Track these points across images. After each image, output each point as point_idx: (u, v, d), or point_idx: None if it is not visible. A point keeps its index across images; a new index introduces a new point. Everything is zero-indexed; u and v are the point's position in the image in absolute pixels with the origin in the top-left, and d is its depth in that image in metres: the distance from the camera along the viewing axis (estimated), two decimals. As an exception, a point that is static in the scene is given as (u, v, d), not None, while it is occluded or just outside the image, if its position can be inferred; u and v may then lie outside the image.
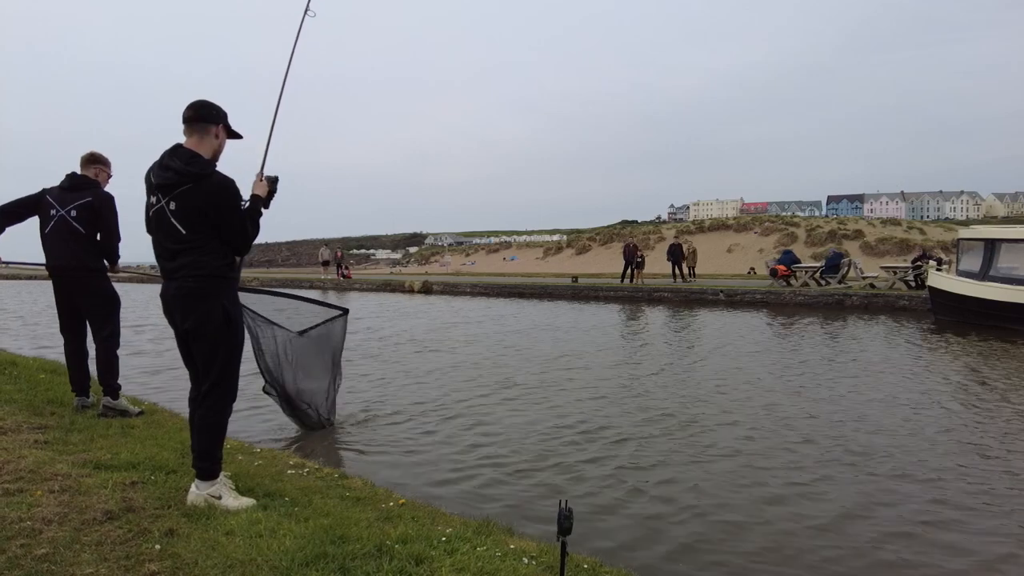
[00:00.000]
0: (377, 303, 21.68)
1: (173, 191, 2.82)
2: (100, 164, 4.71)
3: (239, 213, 2.94)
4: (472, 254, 67.19)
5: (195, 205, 2.82)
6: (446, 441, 5.65)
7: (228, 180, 2.90)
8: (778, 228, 43.75)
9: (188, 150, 2.89)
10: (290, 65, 4.13)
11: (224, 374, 2.97)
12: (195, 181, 2.81)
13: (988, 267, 13.42)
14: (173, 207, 2.82)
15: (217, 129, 2.99)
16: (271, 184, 3.20)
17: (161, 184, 2.84)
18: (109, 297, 4.69)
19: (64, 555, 2.33)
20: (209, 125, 2.96)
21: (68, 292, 4.60)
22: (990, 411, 6.55)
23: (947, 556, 3.56)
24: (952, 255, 18.99)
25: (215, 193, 2.85)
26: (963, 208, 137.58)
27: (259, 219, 3.08)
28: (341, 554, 2.46)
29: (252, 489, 3.24)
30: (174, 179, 2.81)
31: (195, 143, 2.93)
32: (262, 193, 3.12)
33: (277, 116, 4.04)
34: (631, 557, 3.49)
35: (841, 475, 4.79)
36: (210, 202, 2.83)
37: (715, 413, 6.55)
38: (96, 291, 4.63)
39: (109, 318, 4.68)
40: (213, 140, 2.98)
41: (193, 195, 2.81)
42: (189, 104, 2.97)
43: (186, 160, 2.84)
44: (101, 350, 4.65)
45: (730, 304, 19.19)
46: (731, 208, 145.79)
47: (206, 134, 2.95)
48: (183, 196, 2.81)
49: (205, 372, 2.96)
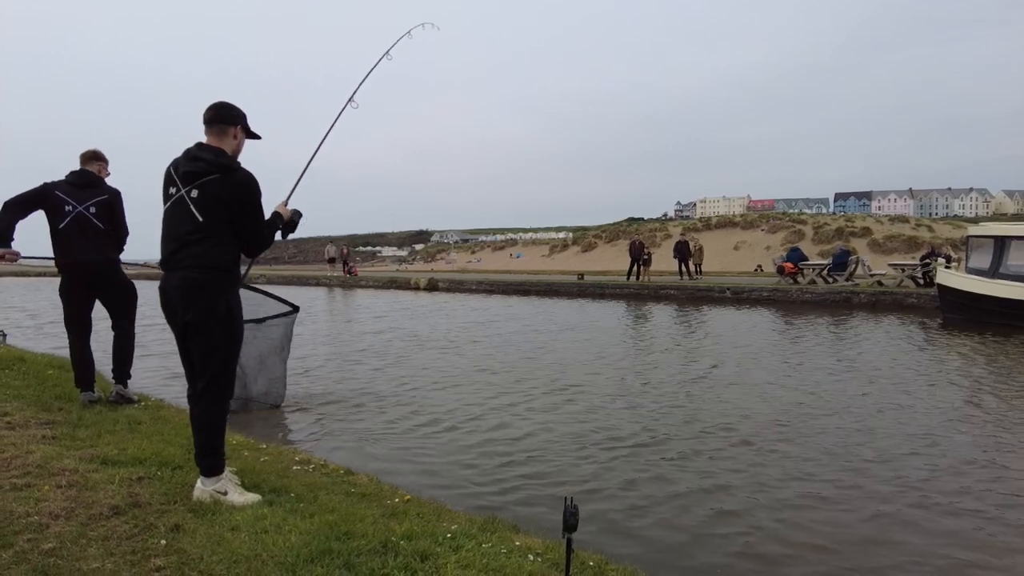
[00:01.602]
0: (383, 300, 21.72)
1: (198, 179, 2.89)
2: (102, 161, 4.89)
3: (260, 211, 3.03)
4: (478, 251, 67.21)
5: (218, 195, 2.89)
6: (455, 438, 5.66)
7: (253, 177, 3.00)
8: (785, 225, 43.49)
9: (215, 146, 2.99)
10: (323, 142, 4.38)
11: (221, 370, 2.97)
12: (223, 172, 2.90)
13: (998, 265, 13.30)
14: (195, 195, 2.89)
15: (236, 130, 3.06)
16: (294, 215, 3.36)
17: (188, 172, 2.92)
18: (129, 288, 4.92)
19: (71, 550, 2.34)
20: (228, 126, 3.03)
21: (88, 286, 4.72)
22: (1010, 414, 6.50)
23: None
24: (961, 252, 18.85)
25: (241, 187, 2.93)
26: (972, 205, 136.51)
27: (275, 231, 3.21)
28: (346, 550, 2.46)
29: (258, 485, 3.24)
30: (203, 168, 2.90)
31: (215, 143, 3.01)
32: (284, 215, 3.29)
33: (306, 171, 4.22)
34: (638, 555, 3.48)
35: (855, 480, 4.76)
36: (234, 195, 2.91)
37: (720, 412, 6.53)
38: (118, 283, 4.86)
39: (129, 308, 4.93)
40: (232, 141, 3.05)
41: (218, 185, 2.89)
42: (209, 106, 3.05)
43: (216, 154, 2.95)
44: (120, 338, 4.89)
45: (737, 302, 19.11)
46: (738, 205, 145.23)
47: (225, 135, 3.03)
48: (208, 185, 2.89)
49: (202, 367, 2.95)
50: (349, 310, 19.00)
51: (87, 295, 4.75)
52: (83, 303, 4.74)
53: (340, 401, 7.01)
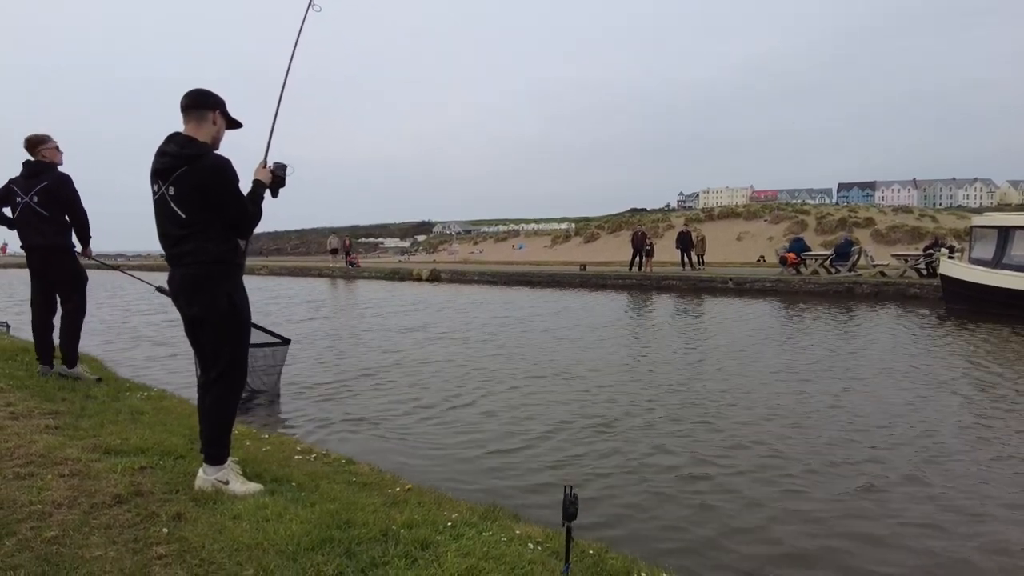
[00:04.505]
0: (385, 291, 21.73)
1: (171, 175, 2.82)
2: (42, 144, 4.91)
3: (237, 193, 2.92)
4: (480, 242, 66.98)
5: (192, 187, 2.81)
6: (456, 427, 5.67)
7: (223, 160, 2.89)
8: (788, 216, 43.29)
9: (184, 135, 2.90)
10: (293, 57, 4.06)
11: (231, 362, 2.97)
12: (189, 163, 2.81)
13: (1002, 255, 13.26)
14: (172, 192, 2.82)
15: (214, 115, 2.98)
16: (279, 170, 3.20)
17: (159, 170, 2.86)
18: (76, 274, 5.08)
19: (73, 538, 2.35)
20: (206, 111, 2.95)
21: (41, 269, 4.98)
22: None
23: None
24: (964, 243, 18.77)
25: (210, 173, 2.83)
26: (976, 196, 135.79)
27: (261, 202, 3.08)
28: (347, 539, 2.47)
29: (260, 474, 3.26)
30: (170, 163, 2.82)
31: (193, 129, 2.94)
32: (264, 179, 3.13)
33: (280, 107, 3.99)
34: (637, 543, 3.49)
35: (846, 471, 4.77)
36: (206, 182, 2.82)
37: (721, 402, 6.54)
38: (64, 268, 4.99)
39: (75, 292, 5.06)
40: (211, 126, 2.97)
41: (189, 177, 2.80)
42: (186, 93, 2.97)
43: (181, 144, 2.85)
44: (66, 321, 5.07)
45: (739, 292, 19.08)
46: (741, 196, 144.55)
47: (203, 120, 2.95)
48: (180, 179, 2.81)
49: (213, 360, 2.96)
50: (351, 301, 19.02)
51: (42, 278, 5.02)
52: (41, 285, 5.05)
53: (341, 391, 7.03)
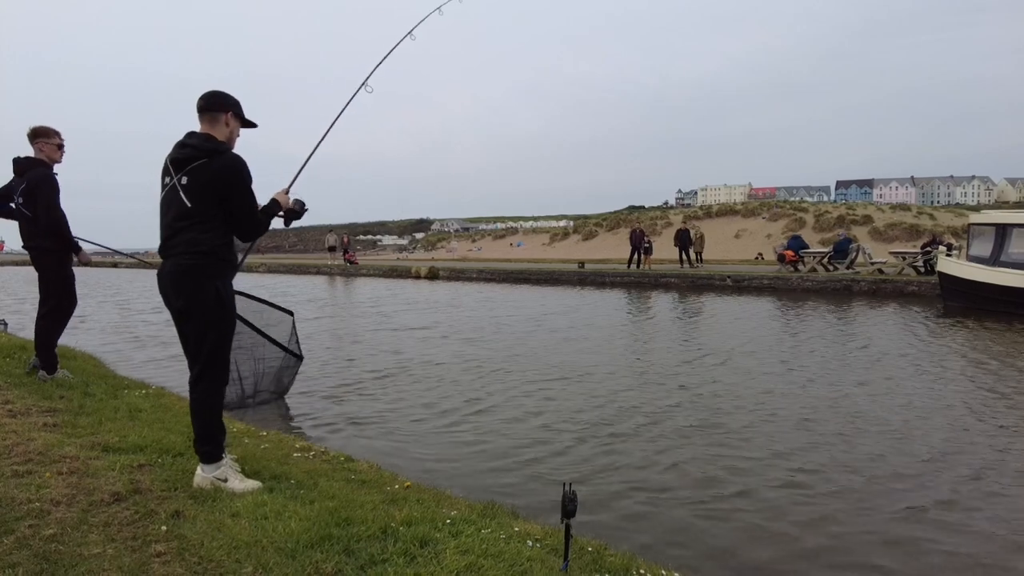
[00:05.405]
0: (383, 289, 21.72)
1: (187, 166, 2.91)
2: (40, 137, 4.81)
3: (250, 194, 3.02)
4: (478, 240, 66.97)
5: (206, 179, 2.90)
6: (455, 425, 5.68)
7: (240, 159, 3.00)
8: (786, 213, 43.33)
9: (203, 133, 3.02)
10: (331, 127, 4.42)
11: (214, 357, 2.98)
12: (209, 156, 2.91)
13: (999, 252, 13.27)
14: (185, 181, 2.91)
15: (227, 116, 3.07)
16: (297, 205, 3.35)
17: (176, 159, 2.94)
18: (53, 276, 4.91)
19: (72, 536, 2.35)
20: (219, 113, 3.05)
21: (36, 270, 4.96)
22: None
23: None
24: (962, 241, 18.79)
25: (227, 170, 2.93)
26: (974, 193, 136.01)
27: (271, 218, 3.22)
28: (346, 536, 2.47)
29: (258, 472, 3.26)
30: (191, 154, 2.92)
31: (207, 129, 3.04)
32: (282, 204, 3.27)
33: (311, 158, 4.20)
34: (636, 540, 3.50)
35: (844, 463, 4.78)
36: (221, 178, 2.92)
37: (719, 398, 6.54)
38: (44, 267, 4.89)
39: (50, 295, 4.94)
40: (224, 128, 3.06)
41: (205, 170, 2.90)
42: (201, 95, 3.07)
43: (203, 139, 2.97)
44: (39, 324, 4.94)
45: (737, 290, 19.10)
46: (739, 193, 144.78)
47: (217, 121, 3.04)
48: (196, 171, 2.90)
49: (196, 353, 2.97)
50: (349, 299, 19.01)
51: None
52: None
53: (341, 389, 7.03)
